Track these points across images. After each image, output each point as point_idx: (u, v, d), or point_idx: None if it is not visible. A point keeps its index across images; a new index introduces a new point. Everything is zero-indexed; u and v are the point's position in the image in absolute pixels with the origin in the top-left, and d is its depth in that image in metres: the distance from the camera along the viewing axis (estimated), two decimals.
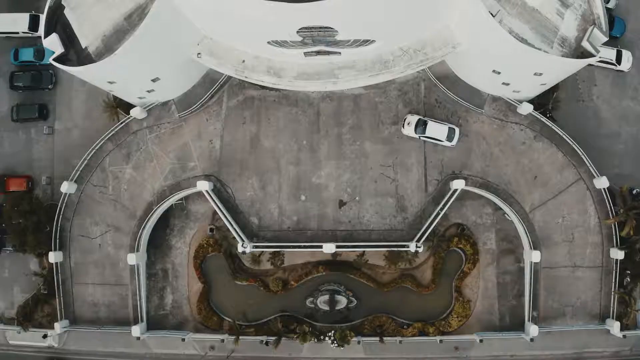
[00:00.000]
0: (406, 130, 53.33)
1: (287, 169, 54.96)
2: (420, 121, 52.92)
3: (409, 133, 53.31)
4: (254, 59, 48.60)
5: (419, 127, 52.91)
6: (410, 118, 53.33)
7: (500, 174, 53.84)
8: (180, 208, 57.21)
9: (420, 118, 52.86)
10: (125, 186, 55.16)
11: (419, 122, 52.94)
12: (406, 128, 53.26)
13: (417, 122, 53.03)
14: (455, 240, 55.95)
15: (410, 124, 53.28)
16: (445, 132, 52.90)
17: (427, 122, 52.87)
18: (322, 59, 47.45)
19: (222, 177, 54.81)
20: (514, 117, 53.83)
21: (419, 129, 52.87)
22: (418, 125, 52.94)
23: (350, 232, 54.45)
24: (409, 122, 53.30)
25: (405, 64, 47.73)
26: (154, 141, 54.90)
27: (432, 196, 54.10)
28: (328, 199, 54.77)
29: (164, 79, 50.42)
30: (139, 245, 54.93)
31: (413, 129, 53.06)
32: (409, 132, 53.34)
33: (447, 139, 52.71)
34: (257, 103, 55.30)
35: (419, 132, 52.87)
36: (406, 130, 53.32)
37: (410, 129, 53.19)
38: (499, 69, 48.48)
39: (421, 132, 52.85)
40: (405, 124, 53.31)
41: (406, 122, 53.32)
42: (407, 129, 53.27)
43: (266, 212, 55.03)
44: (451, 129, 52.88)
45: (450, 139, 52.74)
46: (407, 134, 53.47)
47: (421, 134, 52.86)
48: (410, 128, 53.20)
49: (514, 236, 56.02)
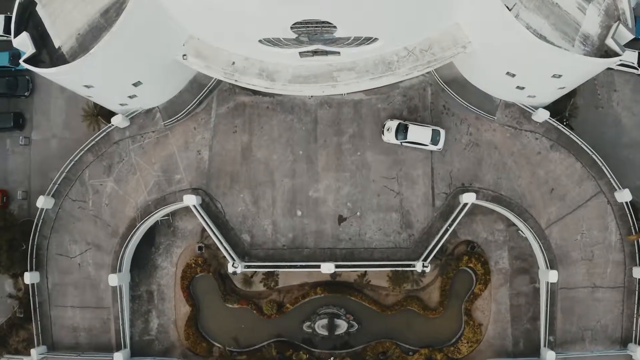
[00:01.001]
0: (386, 137, 51.79)
1: (281, 182, 53.28)
2: (400, 126, 51.31)
3: (390, 140, 51.75)
4: (244, 60, 46.70)
5: (399, 132, 51.29)
6: (389, 123, 51.76)
7: (513, 187, 52.00)
8: (167, 225, 55.60)
9: (401, 122, 51.38)
10: (107, 201, 53.43)
11: (400, 127, 51.31)
12: (386, 134, 51.75)
13: (397, 127, 51.33)
14: (465, 259, 54.16)
15: (390, 130, 51.67)
16: (428, 135, 51.15)
17: (408, 125, 51.23)
18: (319, 59, 45.48)
19: (211, 190, 53.20)
20: (528, 125, 51.97)
21: (400, 135, 51.27)
22: (399, 131, 51.30)
23: (351, 250, 52.77)
24: (388, 128, 51.71)
25: (410, 66, 45.71)
26: (138, 152, 53.18)
27: (440, 211, 52.34)
28: (326, 214, 53.12)
29: (147, 83, 48.01)
30: (121, 265, 53.13)
31: (394, 135, 51.44)
32: (389, 138, 51.77)
33: (432, 143, 51.10)
34: (249, 110, 53.64)
35: (401, 138, 51.36)
36: (386, 136, 51.79)
37: (391, 135, 51.62)
38: (513, 71, 45.96)
39: (403, 137, 51.25)
40: (385, 130, 51.75)
41: (385, 128, 51.76)
42: (387, 135, 51.73)
43: (259, 228, 53.42)
44: (435, 131, 51.15)
45: (435, 142, 51.10)
46: (387, 141, 51.89)
47: (403, 140, 51.26)
48: (391, 134, 51.62)
49: (528, 254, 54.26)
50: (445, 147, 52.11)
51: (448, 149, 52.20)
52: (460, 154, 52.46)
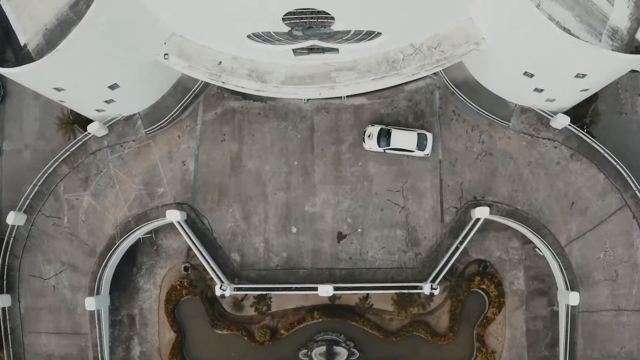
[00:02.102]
0: (368, 145, 49.58)
1: (274, 196, 50.99)
2: (382, 131, 49.15)
3: (372, 147, 49.55)
4: (232, 60, 43.66)
5: (382, 138, 49.09)
6: (370, 129, 49.54)
7: (530, 200, 49.44)
8: (149, 243, 52.96)
9: (383, 128, 49.30)
10: (83, 217, 50.87)
11: (382, 133, 49.11)
12: (367, 142, 49.52)
13: (379, 133, 49.18)
14: (476, 279, 51.43)
15: (372, 137, 49.44)
16: (414, 140, 48.90)
17: (391, 131, 49.19)
18: (316, 58, 42.64)
19: (197, 205, 50.91)
20: (546, 132, 49.29)
21: (383, 141, 49.06)
22: (381, 137, 49.11)
23: (351, 270, 50.54)
24: (369, 135, 49.48)
25: (417, 65, 42.56)
26: (117, 163, 50.75)
27: (449, 227, 50.00)
28: (324, 231, 50.96)
29: (125, 86, 44.94)
30: (99, 288, 50.46)
31: (376, 142, 49.30)
32: (371, 146, 49.55)
33: (419, 148, 48.97)
34: (238, 116, 51.43)
35: (384, 145, 49.15)
36: (368, 144, 49.57)
37: (373, 142, 49.38)
38: (532, 71, 42.61)
39: (386, 144, 49.09)
40: (366, 138, 49.56)
41: (367, 135, 49.58)
42: (369, 142, 49.49)
43: (250, 247, 51.09)
44: (422, 136, 48.99)
45: (422, 147, 48.95)
46: (369, 149, 49.83)
47: (386, 147, 49.14)
48: (372, 141, 49.38)
49: (546, 274, 51.52)
50: (455, 157, 49.68)
51: (458, 159, 49.74)
52: (471, 165, 49.98)
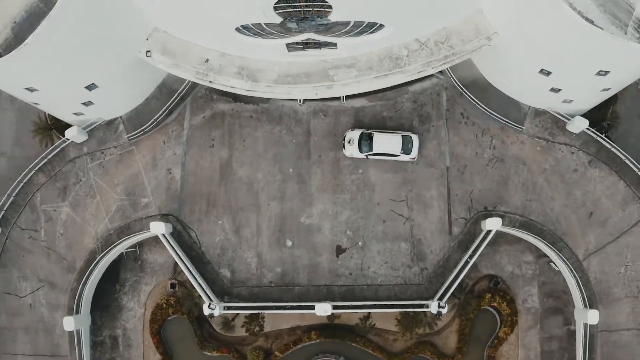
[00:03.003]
0: (348, 151, 47.41)
1: (268, 206, 48.76)
2: (364, 136, 46.96)
3: (353, 154, 47.39)
4: (220, 57, 40.92)
5: (363, 143, 46.84)
6: (350, 134, 47.34)
7: (545, 211, 47.17)
8: (133, 258, 50.68)
9: (364, 131, 47.18)
10: (61, 230, 48.57)
11: (363, 137, 46.90)
12: (348, 148, 47.32)
13: (360, 137, 46.99)
14: (487, 297, 49.09)
15: (353, 142, 47.21)
16: (398, 144, 46.72)
17: (373, 134, 47.10)
18: (312, 54, 39.79)
19: (183, 217, 48.84)
20: (562, 137, 46.99)
21: (365, 146, 46.84)
22: (362, 141, 46.88)
23: (351, 287, 48.53)
24: (349, 140, 47.26)
25: (423, 62, 39.81)
26: (97, 171, 48.60)
27: (458, 240, 47.75)
28: (322, 244, 48.73)
29: (104, 86, 42.13)
30: (79, 306, 48.18)
31: (357, 147, 47.15)
32: (352, 152, 47.37)
33: (404, 152, 46.89)
34: (228, 120, 49.31)
35: (366, 150, 46.96)
36: (349, 150, 47.37)
37: (354, 148, 47.19)
38: (549, 68, 39.67)
39: (368, 149, 46.90)
40: (346, 143, 47.39)
41: (347, 141, 47.41)
42: (350, 148, 47.27)
43: (241, 262, 48.84)
44: (406, 138, 46.86)
45: (407, 151, 46.87)
46: (350, 156, 47.74)
47: (368, 152, 46.94)
48: (353, 147, 47.16)
49: (562, 291, 49.13)
50: (463, 163, 47.15)
51: (468, 165, 47.26)
52: (482, 172, 47.66)
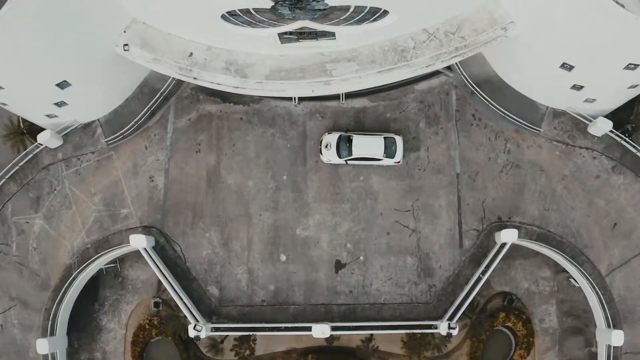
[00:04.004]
0: (326, 157, 45.13)
1: (260, 217, 46.34)
2: (342, 139, 44.60)
3: (331, 159, 45.13)
4: (206, 51, 38.08)
5: (342, 147, 44.44)
6: (328, 138, 45.06)
7: (565, 221, 44.81)
8: (113, 274, 48.25)
9: (342, 134, 44.90)
10: (35, 244, 46.39)
11: (342, 141, 44.54)
12: (325, 153, 45.04)
13: (338, 141, 44.61)
14: (501, 316, 46.53)
15: (330, 146, 44.94)
16: (380, 146, 44.41)
17: (352, 137, 44.75)
18: (307, 46, 36.92)
19: (167, 229, 46.48)
20: (583, 140, 44.64)
21: (344, 150, 44.43)
22: (341, 145, 44.49)
23: (352, 306, 46.13)
24: (327, 144, 44.98)
25: (432, 54, 37.03)
26: (73, 179, 46.28)
27: (469, 254, 45.29)
28: (319, 259, 46.28)
29: (77, 84, 39.25)
30: (54, 327, 45.82)
31: (335, 152, 44.79)
32: (330, 158, 45.09)
33: (387, 155, 44.51)
34: (216, 122, 46.97)
35: (345, 155, 44.58)
36: (326, 155, 45.09)
37: (332, 153, 44.90)
38: (571, 61, 36.79)
39: (347, 153, 44.49)
40: (323, 148, 45.09)
41: (324, 145, 45.15)
42: (327, 153, 44.99)
43: (230, 279, 46.46)
44: (389, 140, 44.57)
45: (391, 154, 44.51)
46: (328, 162, 45.49)
47: (348, 157, 44.54)
48: (331, 152, 44.89)
49: (582, 309, 46.61)
50: (475, 169, 44.57)
51: (480, 172, 44.70)
52: (495, 179, 45.17)
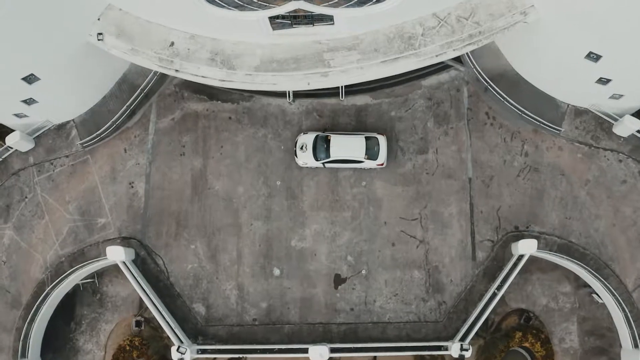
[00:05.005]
0: (301, 159, 42.44)
1: (250, 227, 43.36)
2: (319, 139, 41.78)
3: (307, 162, 42.42)
4: (189, 40, 34.76)
5: (319, 149, 41.66)
6: (303, 138, 42.26)
7: (588, 231, 41.98)
8: (91, 290, 45.40)
9: (319, 134, 42.21)
10: (4, 257, 43.84)
11: (318, 142, 41.66)
12: (300, 155, 42.31)
13: (314, 142, 41.79)
14: (517, 335, 43.67)
15: (306, 148, 42.23)
16: (361, 147, 41.48)
17: (330, 137, 42.07)
18: (302, 32, 33.52)
19: (148, 240, 43.57)
20: (608, 141, 41.80)
21: (321, 152, 41.65)
22: (318, 147, 41.68)
23: (354, 326, 43.18)
24: (302, 146, 42.25)
25: (442, 42, 33.83)
26: (46, 186, 43.49)
27: (483, 267, 42.21)
28: (317, 273, 43.37)
29: (47, 79, 36.04)
30: (26, 348, 43.32)
31: (311, 154, 42.02)
32: (306, 160, 42.39)
33: (369, 157, 41.59)
34: (203, 122, 44.08)
35: (322, 157, 41.80)
36: (302, 158, 42.37)
37: (307, 155, 42.09)
38: (599, 50, 33.61)
39: (325, 155, 41.67)
40: (298, 150, 42.44)
41: (299, 147, 42.49)
42: (303, 155, 42.21)
43: (218, 295, 43.48)
44: (371, 140, 41.70)
45: (373, 156, 41.55)
46: (304, 165, 42.96)
47: (326, 159, 41.75)
48: (307, 154, 42.08)
49: (607, 328, 43.60)
50: (489, 173, 41.42)
51: (494, 176, 41.65)
52: (511, 184, 42.19)
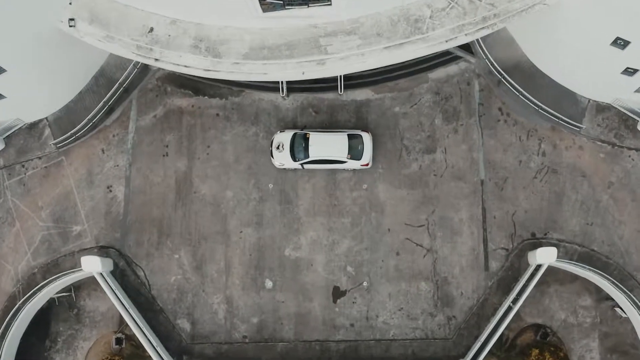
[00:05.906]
0: (278, 160, 39.92)
1: (240, 235, 40.79)
2: (297, 138, 39.22)
3: (284, 163, 39.97)
4: (170, 25, 31.58)
5: (297, 148, 39.13)
6: (279, 137, 39.76)
7: (612, 238, 39.80)
8: (67, 305, 42.83)
9: (297, 132, 39.62)
10: None
11: (296, 141, 39.13)
12: (277, 156, 39.80)
13: (292, 140, 39.20)
14: (534, 353, 41.25)
15: (283, 147, 39.75)
16: (344, 146, 38.79)
17: (309, 135, 39.62)
18: (296, 15, 30.53)
19: (128, 249, 40.99)
20: (633, 140, 39.54)
21: (300, 152, 39.12)
22: (296, 146, 39.14)
23: (354, 343, 40.59)
24: (279, 145, 39.67)
25: (453, 25, 30.75)
26: (17, 190, 41.29)
27: (497, 278, 39.64)
28: (314, 285, 40.79)
29: (14, 71, 33.30)
30: None
31: (289, 154, 39.52)
32: (282, 161, 39.91)
33: (352, 157, 38.88)
34: (187, 120, 41.38)
35: (301, 158, 39.28)
36: (278, 158, 39.82)
37: (285, 156, 39.53)
38: (627, 35, 30.72)
39: (304, 156, 39.17)
40: (274, 150, 39.88)
41: (275, 146, 39.96)
42: (280, 156, 39.65)
43: (205, 310, 40.84)
44: (355, 138, 38.99)
45: (357, 155, 38.83)
46: (281, 166, 40.52)
47: (305, 160, 39.30)
48: (284, 154, 39.51)
49: (630, 344, 41.41)
50: (503, 175, 38.75)
51: (509, 178, 39.00)
52: (528, 187, 39.60)
